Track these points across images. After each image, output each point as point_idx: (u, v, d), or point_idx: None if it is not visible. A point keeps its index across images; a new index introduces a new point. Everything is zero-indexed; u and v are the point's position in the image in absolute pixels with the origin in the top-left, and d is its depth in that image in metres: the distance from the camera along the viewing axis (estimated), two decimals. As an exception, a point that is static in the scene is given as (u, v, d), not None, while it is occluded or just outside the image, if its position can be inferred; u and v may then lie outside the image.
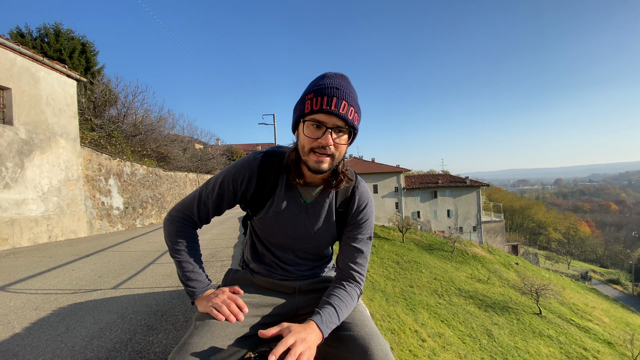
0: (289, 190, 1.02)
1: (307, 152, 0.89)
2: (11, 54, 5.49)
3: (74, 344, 1.70)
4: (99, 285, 2.86)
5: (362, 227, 1.04)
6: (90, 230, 7.15)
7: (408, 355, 7.14)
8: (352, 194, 1.04)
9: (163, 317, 2.07)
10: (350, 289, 0.99)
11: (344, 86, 0.86)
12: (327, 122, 0.85)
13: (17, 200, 5.47)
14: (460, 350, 9.21)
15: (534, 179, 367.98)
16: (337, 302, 0.92)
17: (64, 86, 6.67)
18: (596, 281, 35.57)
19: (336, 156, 0.89)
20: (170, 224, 1.03)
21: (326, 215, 1.04)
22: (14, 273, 3.39)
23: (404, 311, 10.94)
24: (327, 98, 0.83)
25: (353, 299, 0.97)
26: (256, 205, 1.04)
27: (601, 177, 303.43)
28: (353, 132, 0.91)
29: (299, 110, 0.90)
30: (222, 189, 1.01)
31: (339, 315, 0.90)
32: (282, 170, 1.01)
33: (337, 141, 0.87)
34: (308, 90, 0.88)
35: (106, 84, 10.70)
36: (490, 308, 14.56)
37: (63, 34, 10.22)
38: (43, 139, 6.08)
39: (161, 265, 3.65)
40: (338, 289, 0.97)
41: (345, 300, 0.94)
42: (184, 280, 1.00)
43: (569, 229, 59.14)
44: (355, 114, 0.88)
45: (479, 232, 33.32)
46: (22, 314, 2.16)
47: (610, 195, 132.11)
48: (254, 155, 1.02)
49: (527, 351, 11.00)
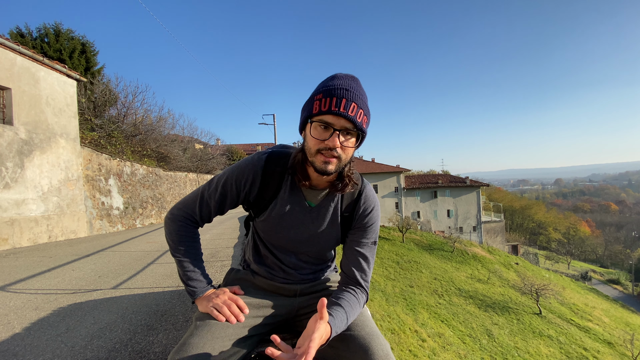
0: (293, 193, 1.00)
1: (314, 153, 0.87)
2: (11, 54, 5.48)
3: (74, 344, 1.70)
4: (99, 285, 2.86)
5: (368, 232, 1.02)
6: (90, 230, 7.15)
7: (408, 355, 7.14)
8: (359, 198, 1.02)
9: (163, 317, 2.06)
10: (358, 295, 0.97)
11: (354, 88, 0.84)
12: (335, 124, 0.83)
13: (17, 200, 5.47)
14: (460, 350, 9.21)
15: (534, 179, 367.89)
16: (347, 306, 0.91)
17: (64, 86, 6.67)
18: (596, 281, 35.56)
19: (343, 158, 0.87)
20: (171, 222, 1.02)
21: (331, 219, 1.02)
22: (14, 273, 3.39)
23: (404, 311, 10.94)
24: (336, 99, 0.81)
25: (360, 305, 0.97)
26: (259, 206, 1.03)
27: (601, 177, 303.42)
28: (361, 135, 0.88)
29: (307, 111, 0.88)
30: (225, 189, 1.00)
31: (348, 320, 0.89)
32: (287, 171, 0.99)
33: (344, 144, 0.85)
34: (317, 91, 0.86)
35: (106, 84, 10.70)
36: (490, 308, 14.56)
37: (63, 34, 10.22)
38: (43, 139, 6.08)
39: (161, 265, 3.65)
40: (347, 293, 0.96)
41: (354, 306, 0.93)
42: (184, 279, 0.99)
43: (569, 229, 59.16)
44: (364, 117, 0.86)
45: (479, 232, 33.31)
46: (22, 314, 2.16)
47: (610, 195, 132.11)
48: (258, 156, 1.00)
49: (527, 351, 11.00)
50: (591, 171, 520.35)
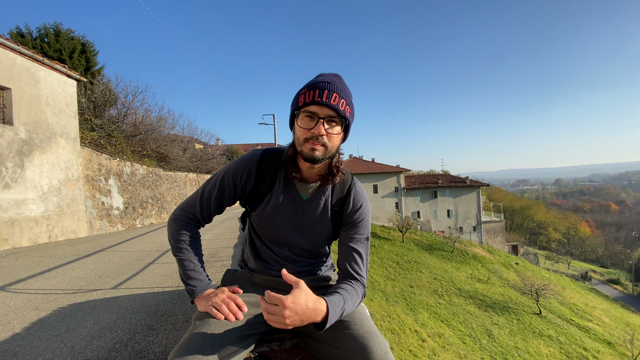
0: (287, 186, 1.05)
1: (302, 142, 0.92)
2: (11, 54, 5.49)
3: (74, 344, 1.70)
4: (99, 285, 2.86)
5: (359, 227, 1.05)
6: (90, 230, 7.15)
7: (408, 355, 7.14)
8: (348, 194, 1.06)
9: (163, 317, 2.07)
10: (355, 287, 0.99)
11: (335, 82, 0.90)
12: (319, 113, 0.89)
13: (17, 200, 5.47)
14: (460, 350, 9.21)
15: (534, 179, 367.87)
16: (343, 292, 0.92)
17: (64, 86, 6.67)
18: (596, 281, 35.55)
19: (329, 146, 0.92)
20: (173, 222, 1.05)
21: (321, 212, 1.06)
22: (14, 273, 3.39)
23: (404, 311, 10.94)
24: (319, 91, 0.88)
25: (358, 295, 0.98)
26: (255, 200, 1.07)
27: (601, 177, 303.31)
28: (345, 124, 0.94)
29: (294, 105, 0.95)
30: (222, 184, 1.04)
31: (345, 305, 0.89)
32: (280, 166, 1.04)
33: (329, 131, 0.91)
34: (302, 87, 0.93)
35: (106, 84, 10.70)
36: (490, 308, 14.56)
37: (63, 34, 10.23)
38: (43, 139, 6.08)
39: (161, 265, 3.66)
40: (344, 284, 0.98)
41: (351, 294, 0.95)
42: (184, 278, 1.01)
43: (569, 229, 59.13)
44: (347, 107, 0.92)
45: (479, 232, 33.30)
46: (22, 314, 2.16)
47: (610, 195, 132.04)
48: (253, 152, 1.06)
49: (527, 351, 11.00)
50: (591, 171, 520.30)
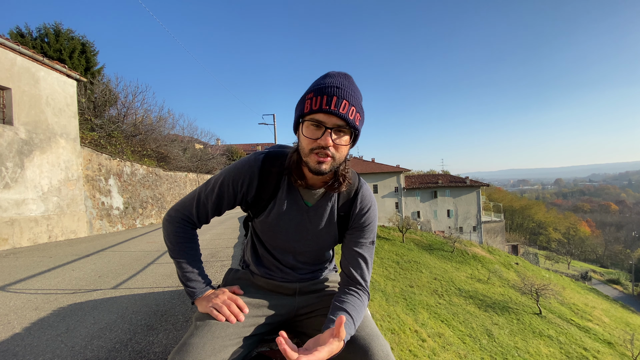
0: (291, 193, 1.00)
1: (307, 153, 0.86)
2: (11, 54, 5.48)
3: (74, 344, 1.70)
4: (99, 285, 2.86)
5: (365, 231, 1.02)
6: (90, 230, 7.15)
7: (408, 355, 7.14)
8: (355, 197, 1.02)
9: (163, 317, 2.06)
10: (362, 297, 0.97)
11: (345, 85, 0.83)
12: (327, 122, 0.82)
13: (17, 200, 5.47)
14: (460, 350, 9.21)
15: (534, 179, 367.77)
16: (353, 311, 0.89)
17: (64, 86, 6.67)
18: (596, 281, 35.57)
19: (337, 157, 0.86)
20: (169, 224, 1.01)
21: (328, 219, 1.02)
22: (14, 273, 3.39)
23: (404, 311, 10.94)
24: (327, 97, 0.80)
25: (364, 306, 0.96)
26: (257, 207, 1.02)
27: (601, 177, 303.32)
28: (354, 133, 0.87)
29: (299, 110, 0.87)
30: (221, 190, 0.99)
31: (355, 326, 0.88)
32: (284, 172, 0.98)
33: (337, 142, 0.84)
34: (309, 90, 0.85)
35: (106, 84, 10.70)
36: (490, 308, 14.57)
37: (63, 34, 10.22)
38: (43, 139, 6.08)
39: (161, 265, 3.65)
40: (350, 297, 0.94)
41: (359, 310, 0.92)
42: (183, 280, 0.99)
43: (569, 229, 59.16)
44: (357, 114, 0.85)
45: (479, 232, 33.31)
46: (22, 314, 2.16)
47: (610, 195, 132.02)
48: (255, 156, 0.99)
49: (527, 351, 11.01)
50: (591, 171, 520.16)
